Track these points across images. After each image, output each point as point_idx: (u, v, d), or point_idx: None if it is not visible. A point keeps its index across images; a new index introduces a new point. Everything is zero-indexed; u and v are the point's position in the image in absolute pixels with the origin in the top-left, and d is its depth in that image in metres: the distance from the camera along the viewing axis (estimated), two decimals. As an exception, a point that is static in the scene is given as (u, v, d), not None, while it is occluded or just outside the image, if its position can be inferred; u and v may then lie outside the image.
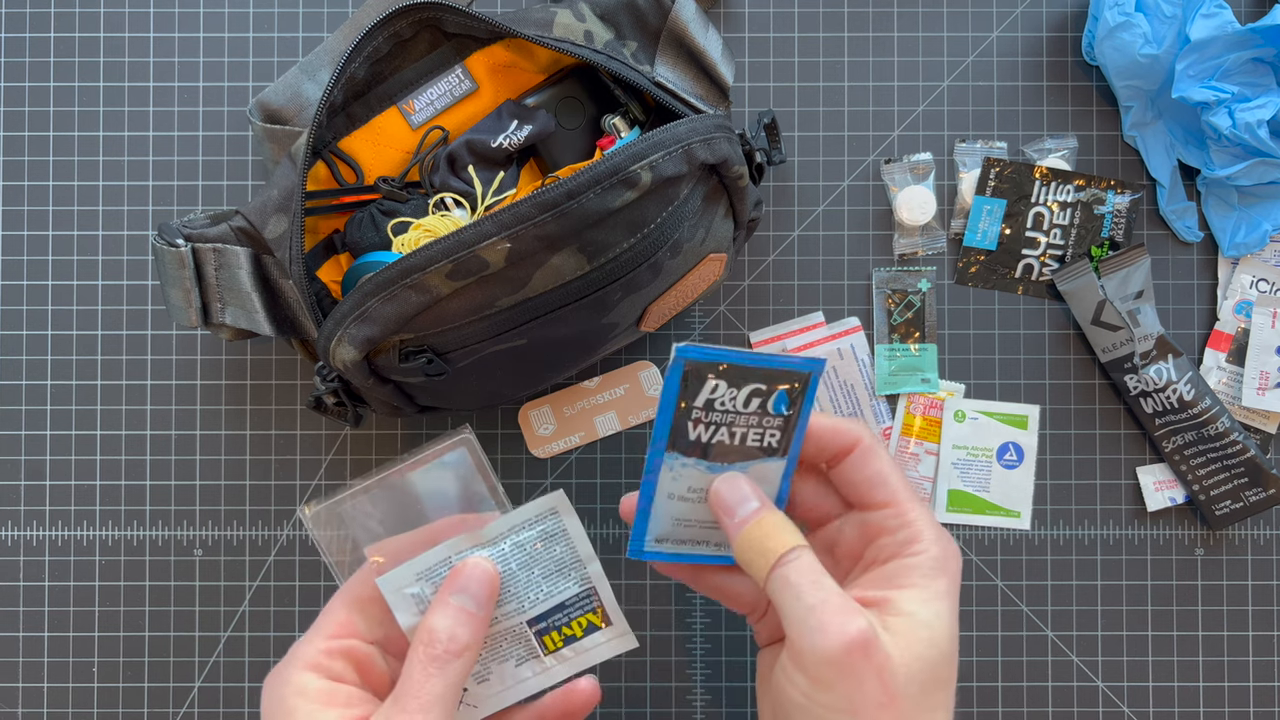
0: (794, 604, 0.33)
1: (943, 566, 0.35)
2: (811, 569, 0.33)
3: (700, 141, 0.43)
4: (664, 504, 0.36)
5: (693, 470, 0.36)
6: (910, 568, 0.35)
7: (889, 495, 0.36)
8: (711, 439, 0.35)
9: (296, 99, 0.51)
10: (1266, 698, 0.56)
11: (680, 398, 0.35)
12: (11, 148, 0.57)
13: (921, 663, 0.33)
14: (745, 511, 0.35)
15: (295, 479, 0.57)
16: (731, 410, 0.35)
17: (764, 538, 0.34)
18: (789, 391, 0.35)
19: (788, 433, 0.36)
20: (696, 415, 0.35)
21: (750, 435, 0.36)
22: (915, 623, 0.33)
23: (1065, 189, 0.57)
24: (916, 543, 0.35)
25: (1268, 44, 0.52)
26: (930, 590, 0.34)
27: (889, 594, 0.34)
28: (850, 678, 0.31)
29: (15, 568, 0.57)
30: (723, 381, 0.35)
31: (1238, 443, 0.55)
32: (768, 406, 0.35)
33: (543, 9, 0.49)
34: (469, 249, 0.40)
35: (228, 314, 0.48)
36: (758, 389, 0.35)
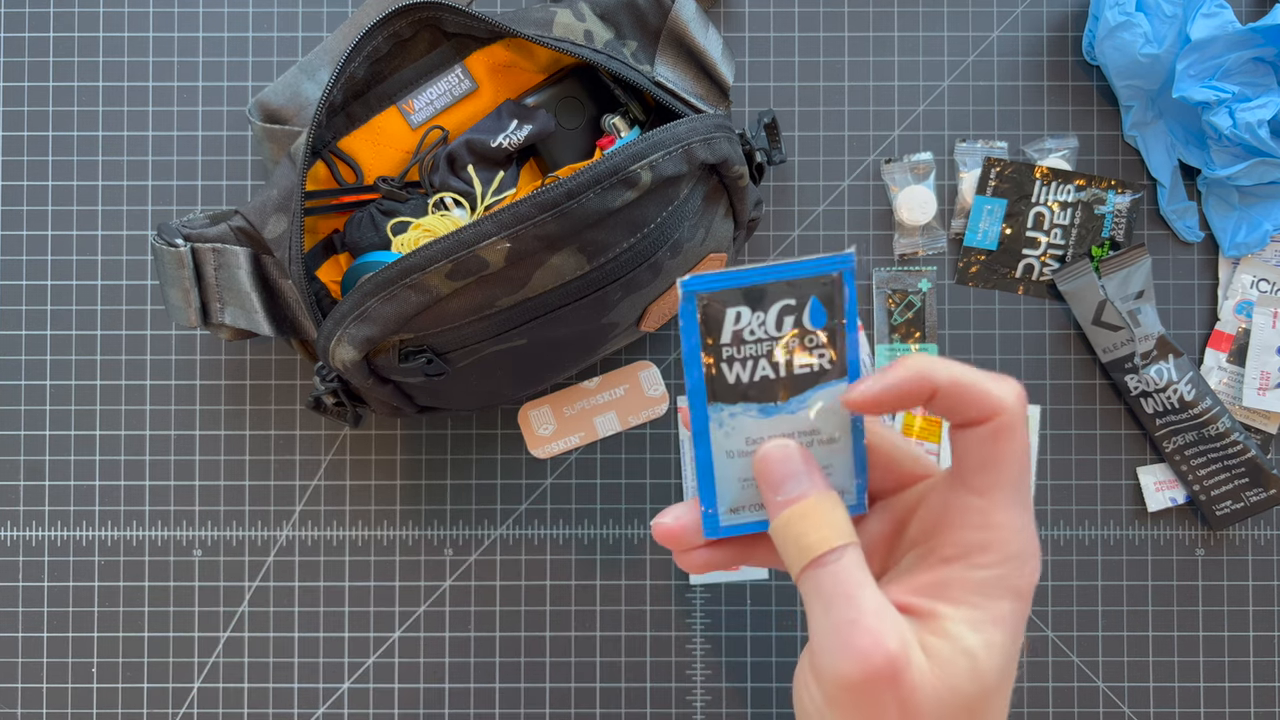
0: (821, 615, 0.29)
1: (1009, 585, 0.30)
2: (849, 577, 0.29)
3: (700, 141, 0.43)
4: (725, 466, 0.32)
5: (744, 419, 0.31)
6: (970, 581, 0.30)
7: (988, 484, 0.30)
8: (754, 376, 0.31)
9: (296, 99, 0.51)
10: (1267, 698, 0.56)
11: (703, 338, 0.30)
12: (11, 148, 0.57)
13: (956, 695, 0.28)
14: (789, 491, 0.30)
15: (295, 479, 0.57)
16: (764, 337, 0.30)
17: (803, 531, 0.30)
18: (823, 299, 0.30)
19: (838, 346, 0.31)
20: (728, 354, 0.31)
21: (796, 361, 0.31)
22: (958, 649, 0.29)
23: (1066, 189, 0.56)
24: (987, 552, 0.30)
25: (1268, 43, 0.52)
26: (987, 612, 0.29)
27: (937, 607, 0.30)
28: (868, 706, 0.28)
29: (15, 568, 0.57)
30: (744, 308, 0.30)
31: (1238, 443, 0.55)
32: (804, 321, 0.30)
33: (543, 9, 0.49)
34: (469, 249, 0.40)
35: (227, 314, 0.48)
36: (787, 305, 0.30)
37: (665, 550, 0.57)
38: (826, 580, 0.29)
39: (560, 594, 0.57)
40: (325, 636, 0.57)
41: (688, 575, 0.57)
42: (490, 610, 0.57)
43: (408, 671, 0.57)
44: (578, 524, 0.57)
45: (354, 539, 0.57)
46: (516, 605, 0.57)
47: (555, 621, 0.57)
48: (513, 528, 0.57)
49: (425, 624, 0.57)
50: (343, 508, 0.57)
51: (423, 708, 0.56)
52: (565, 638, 0.57)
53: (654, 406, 0.57)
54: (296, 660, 0.56)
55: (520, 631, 0.57)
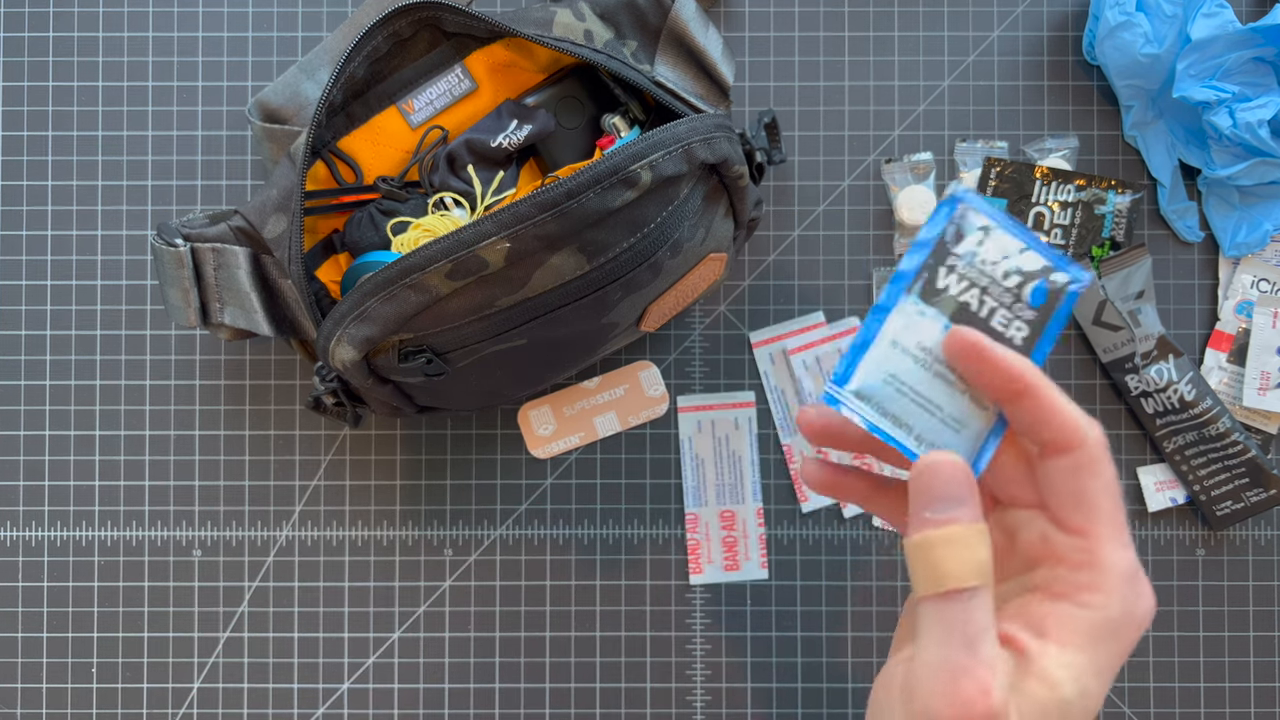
0: (935, 648, 0.28)
1: (1115, 631, 0.29)
2: (974, 620, 0.28)
3: (700, 141, 0.43)
4: (885, 352, 0.31)
5: (930, 323, 0.31)
6: (1075, 620, 0.29)
7: (1084, 523, 0.29)
8: (960, 295, 0.31)
9: (296, 98, 0.51)
10: (1267, 698, 0.56)
11: (942, 238, 0.31)
12: (11, 148, 0.57)
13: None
14: (942, 511, 0.29)
15: (294, 479, 0.57)
16: (989, 275, 0.31)
17: (943, 558, 0.28)
18: (1048, 288, 0.31)
19: (1035, 333, 0.31)
20: (953, 262, 0.31)
21: (999, 315, 0.31)
22: (1053, 698, 0.28)
23: (1066, 189, 0.56)
24: (1095, 592, 0.29)
25: (1268, 43, 0.52)
26: (1090, 659, 0.28)
27: (1042, 647, 0.28)
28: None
29: (14, 568, 0.57)
30: (990, 241, 0.31)
31: (1239, 443, 0.55)
32: (1024, 293, 0.31)
33: (542, 8, 0.49)
34: (468, 249, 0.40)
35: (226, 314, 0.48)
36: (1019, 267, 0.31)
37: (665, 550, 0.57)
38: (953, 617, 0.28)
39: (560, 594, 0.57)
40: (325, 636, 0.57)
41: (687, 575, 0.57)
42: (490, 610, 0.57)
43: (408, 671, 0.57)
44: (578, 524, 0.57)
45: (354, 539, 0.57)
46: (516, 605, 0.57)
47: (555, 621, 0.57)
48: (513, 528, 0.57)
49: (425, 624, 0.57)
50: (343, 508, 0.57)
51: (423, 708, 0.56)
52: (565, 638, 0.57)
53: (654, 406, 0.57)
54: (296, 660, 0.56)
55: (520, 631, 0.57)
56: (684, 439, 0.57)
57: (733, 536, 0.57)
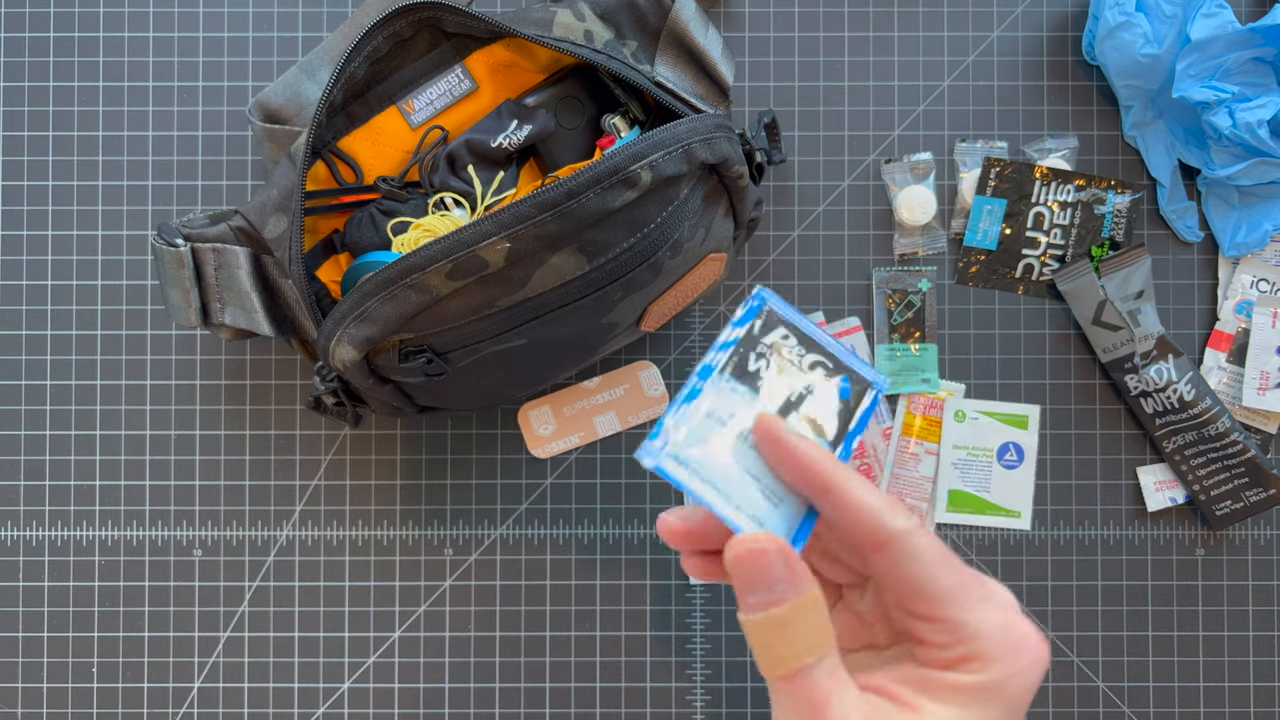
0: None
1: (1002, 690, 0.28)
2: (820, 689, 0.28)
3: (700, 141, 0.43)
4: (701, 422, 0.32)
5: (743, 399, 0.32)
6: (958, 685, 0.28)
7: (931, 609, 0.29)
8: (771, 379, 0.33)
9: (296, 99, 0.51)
10: (1267, 698, 0.56)
11: (751, 327, 0.33)
12: (11, 148, 0.57)
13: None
14: (765, 595, 0.28)
15: (295, 479, 0.57)
16: (796, 365, 0.34)
17: (774, 642, 0.28)
18: (852, 384, 0.33)
19: (843, 426, 0.33)
20: (762, 350, 0.33)
21: (805, 408, 0.33)
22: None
23: (1066, 189, 0.56)
24: (971, 662, 0.28)
25: (1268, 43, 0.52)
26: (972, 713, 0.28)
27: (919, 700, 0.28)
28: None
29: (15, 568, 0.57)
30: (794, 338, 0.34)
31: (1238, 443, 0.55)
32: (832, 385, 0.34)
33: (543, 9, 0.49)
34: (469, 249, 0.40)
35: (227, 314, 0.48)
36: (823, 363, 0.34)
37: (665, 550, 0.57)
38: (797, 693, 0.28)
39: (560, 594, 0.57)
40: (325, 636, 0.57)
41: (687, 575, 0.57)
42: (490, 610, 0.57)
43: (408, 671, 0.57)
44: (578, 524, 0.57)
45: (354, 539, 0.57)
46: (516, 605, 0.57)
47: (555, 621, 0.57)
48: (513, 528, 0.57)
49: (425, 624, 0.57)
50: (343, 508, 0.57)
51: (423, 708, 0.57)
52: (565, 638, 0.57)
53: (654, 406, 0.57)
54: (296, 660, 0.57)
55: (520, 631, 0.57)
56: (684, 439, 0.57)
57: (733, 536, 0.57)
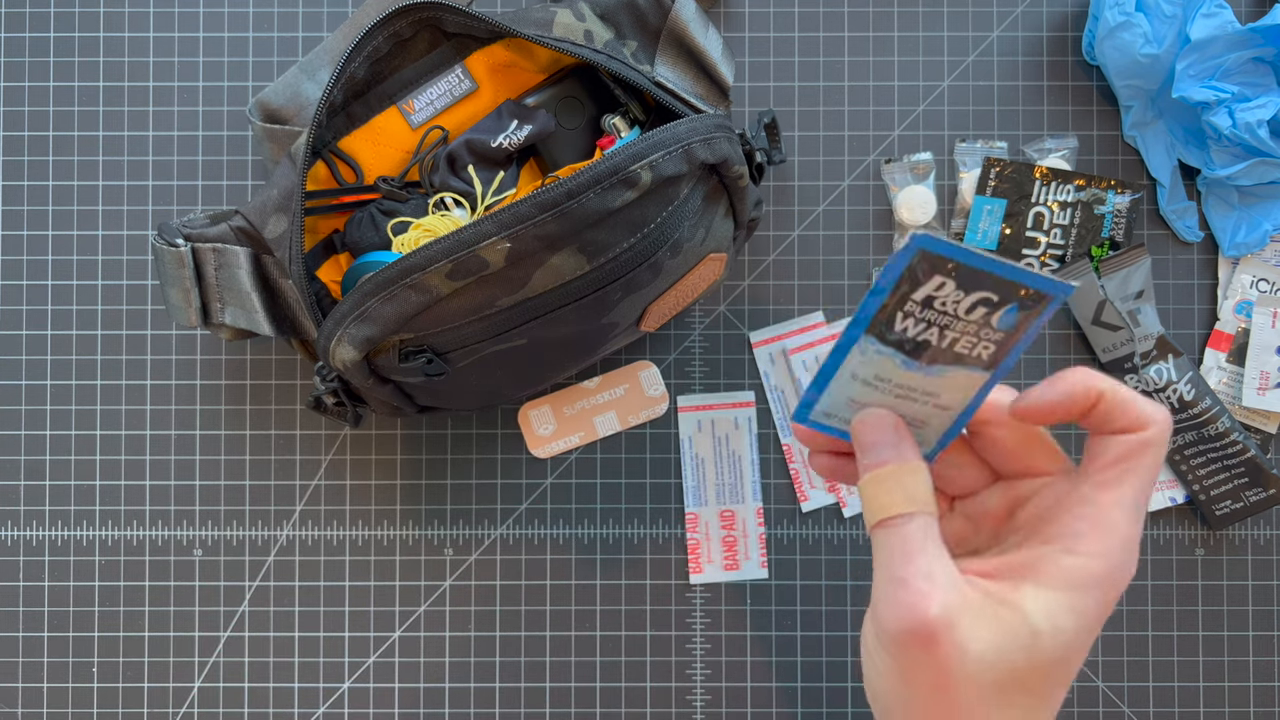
0: (884, 568, 0.31)
1: (1099, 580, 0.30)
2: (910, 541, 0.31)
3: (700, 141, 0.43)
4: (844, 382, 0.33)
5: (886, 360, 0.33)
6: (1061, 565, 0.30)
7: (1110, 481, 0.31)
8: (918, 336, 0.32)
9: (296, 99, 0.51)
10: (1267, 698, 0.56)
11: (900, 284, 0.31)
12: (11, 148, 0.57)
13: (1005, 668, 0.30)
14: (874, 457, 0.32)
15: (295, 479, 0.57)
16: (950, 314, 0.32)
17: (877, 494, 0.32)
18: (1021, 305, 0.31)
19: (1004, 348, 0.32)
20: (910, 308, 0.31)
21: (962, 342, 0.32)
22: (1021, 623, 0.30)
23: (1065, 189, 0.57)
24: (1087, 540, 0.31)
25: (1268, 43, 0.52)
26: (1066, 601, 0.30)
27: (1017, 580, 0.31)
28: (910, 657, 0.30)
29: (15, 568, 0.57)
30: (951, 282, 0.31)
31: (1238, 443, 0.55)
32: (992, 320, 0.32)
33: (543, 9, 0.49)
34: (469, 249, 0.40)
35: (227, 314, 0.48)
36: (987, 298, 0.31)
37: (665, 550, 0.57)
38: (891, 539, 0.31)
39: (560, 594, 0.57)
40: (325, 636, 0.57)
41: (688, 575, 0.57)
42: (490, 610, 0.57)
43: (408, 671, 0.57)
44: (578, 524, 0.57)
45: (354, 539, 0.57)
46: (516, 605, 0.57)
47: (555, 621, 0.57)
48: (513, 528, 0.57)
49: (425, 624, 0.57)
50: (343, 508, 0.57)
51: (423, 708, 0.57)
52: (565, 638, 0.57)
53: (654, 406, 0.57)
54: (297, 660, 0.57)
55: (520, 631, 0.57)
56: (684, 439, 0.57)
57: (733, 536, 0.57)
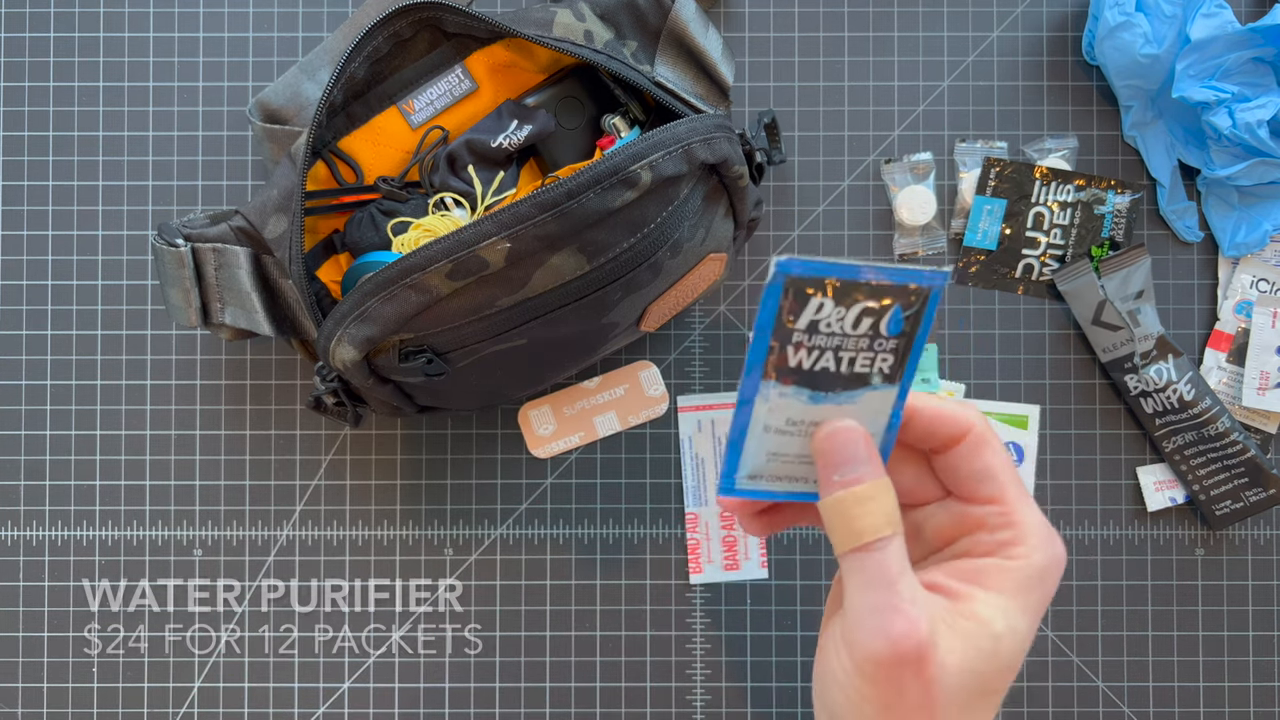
0: (860, 595, 0.31)
1: (1040, 578, 0.32)
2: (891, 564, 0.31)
3: (700, 141, 0.43)
4: (759, 437, 0.32)
5: (793, 401, 0.32)
6: (1004, 571, 0.32)
7: (995, 491, 0.32)
8: (815, 365, 0.31)
9: (296, 99, 0.51)
10: (1267, 698, 0.56)
11: (780, 318, 0.30)
12: (11, 148, 0.57)
13: (974, 676, 0.30)
14: (847, 474, 0.31)
15: (295, 479, 0.57)
16: (838, 333, 0.31)
17: (856, 515, 0.31)
18: (904, 307, 0.31)
19: (901, 356, 0.32)
20: (799, 339, 0.31)
21: (860, 360, 0.32)
22: (984, 632, 0.31)
23: (1065, 189, 0.57)
24: (1018, 546, 0.32)
25: (1268, 44, 0.52)
26: (1015, 602, 0.31)
27: (970, 590, 0.32)
28: (893, 683, 0.30)
29: (15, 568, 0.57)
30: (829, 300, 0.30)
31: (1238, 443, 0.55)
32: (880, 327, 0.31)
33: (543, 9, 0.49)
34: (469, 249, 0.40)
35: (227, 314, 0.48)
36: (869, 308, 0.31)
37: (665, 550, 0.57)
38: (871, 564, 0.31)
39: (560, 594, 0.57)
40: (325, 636, 0.57)
41: (688, 575, 0.57)
42: (490, 610, 0.57)
43: (408, 671, 0.57)
44: (578, 524, 0.57)
45: (354, 538, 0.57)
46: (516, 605, 0.57)
47: (555, 621, 0.57)
48: (513, 528, 0.57)
49: (425, 624, 0.57)
50: (343, 508, 0.57)
51: (423, 708, 0.57)
52: (565, 638, 0.57)
53: (654, 406, 0.57)
54: (297, 660, 0.57)
55: (520, 631, 0.57)
56: (684, 439, 0.57)
57: (733, 536, 0.57)
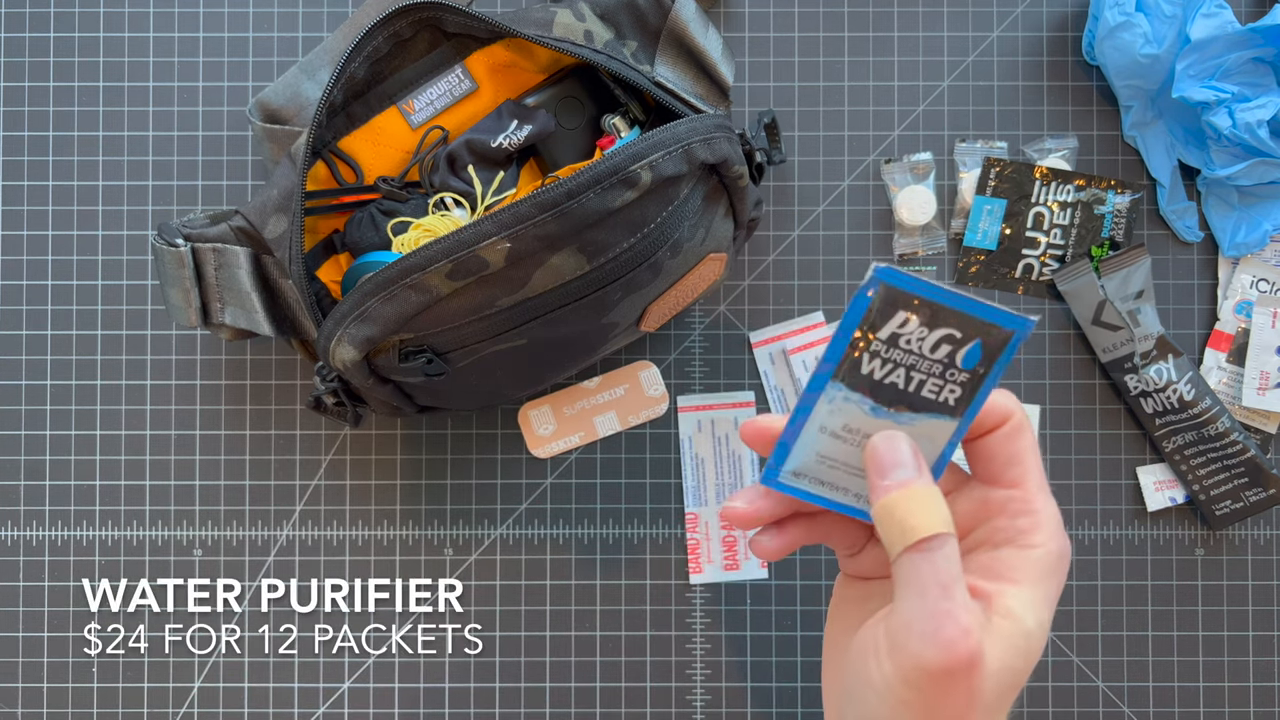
0: (915, 600, 0.30)
1: (1056, 567, 0.32)
2: (948, 567, 0.30)
3: (700, 141, 0.43)
4: (813, 436, 0.33)
5: (854, 408, 0.32)
6: (1026, 562, 0.32)
7: (1020, 476, 0.33)
8: (885, 378, 0.32)
9: (296, 99, 0.51)
10: (1267, 698, 0.56)
11: (864, 323, 0.31)
12: (11, 148, 0.57)
13: (1010, 674, 0.31)
14: (898, 477, 0.31)
15: (295, 479, 0.57)
16: (916, 353, 0.31)
17: (909, 513, 0.31)
18: (984, 345, 0.31)
19: (969, 392, 0.32)
20: (876, 348, 0.31)
21: (929, 385, 0.32)
22: (1018, 630, 0.31)
23: (1065, 189, 0.57)
24: (1036, 533, 0.32)
25: (1268, 44, 0.52)
26: (1040, 592, 0.32)
27: (1000, 588, 0.32)
28: (941, 691, 0.30)
29: (15, 568, 0.57)
30: (915, 317, 0.31)
31: (1238, 443, 0.55)
32: (957, 359, 0.31)
33: (543, 9, 0.49)
34: (469, 249, 0.40)
35: (227, 314, 0.48)
36: (951, 335, 0.31)
37: (665, 550, 0.57)
38: (926, 567, 0.30)
39: (560, 594, 0.57)
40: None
41: (688, 575, 0.57)
42: (490, 610, 0.57)
43: (408, 671, 0.57)
44: (578, 524, 0.57)
45: (354, 538, 0.57)
46: (516, 605, 0.57)
47: (555, 621, 0.57)
48: (513, 528, 0.57)
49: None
50: (343, 508, 0.57)
51: (423, 707, 0.57)
52: (565, 638, 0.57)
53: (654, 406, 0.57)
54: (297, 660, 0.57)
55: (520, 631, 0.57)
56: (684, 439, 0.57)
57: (733, 536, 0.57)
